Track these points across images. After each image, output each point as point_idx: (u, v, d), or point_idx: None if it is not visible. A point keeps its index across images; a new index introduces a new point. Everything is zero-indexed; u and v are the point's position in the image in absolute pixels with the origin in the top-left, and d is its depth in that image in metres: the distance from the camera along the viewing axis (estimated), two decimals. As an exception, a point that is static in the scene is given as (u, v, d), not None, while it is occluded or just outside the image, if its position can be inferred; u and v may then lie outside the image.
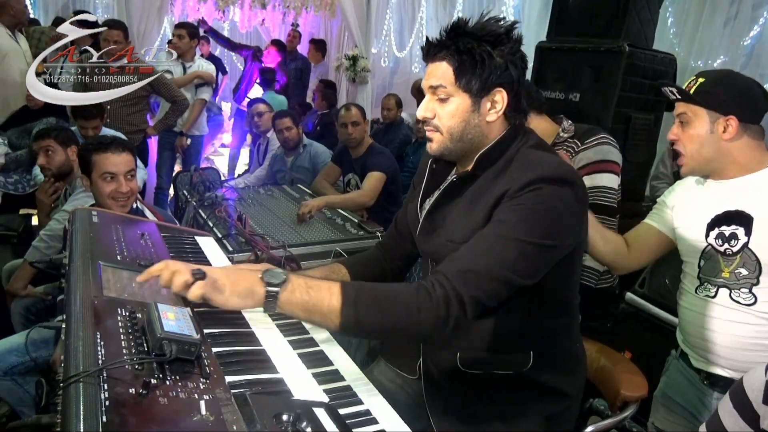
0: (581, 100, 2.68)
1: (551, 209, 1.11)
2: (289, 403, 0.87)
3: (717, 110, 1.43)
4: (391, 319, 1.05)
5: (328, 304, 1.02)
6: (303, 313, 1.03)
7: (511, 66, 1.18)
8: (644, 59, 2.70)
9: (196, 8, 6.61)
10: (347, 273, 1.47)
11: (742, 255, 1.43)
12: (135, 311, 0.98)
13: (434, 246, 1.28)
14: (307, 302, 1.01)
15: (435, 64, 1.20)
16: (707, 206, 1.51)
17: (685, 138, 1.49)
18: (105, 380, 0.76)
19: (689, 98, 1.46)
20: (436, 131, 1.23)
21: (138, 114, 4.06)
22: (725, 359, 1.47)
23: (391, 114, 4.98)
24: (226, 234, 2.48)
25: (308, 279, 1.05)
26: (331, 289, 1.03)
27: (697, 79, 1.47)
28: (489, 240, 1.10)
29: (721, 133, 1.44)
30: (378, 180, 3.22)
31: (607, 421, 1.53)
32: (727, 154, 1.45)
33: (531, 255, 1.10)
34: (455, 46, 1.16)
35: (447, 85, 1.18)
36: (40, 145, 2.69)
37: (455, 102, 1.19)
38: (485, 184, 1.21)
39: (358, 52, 6.10)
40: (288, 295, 1.00)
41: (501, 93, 1.19)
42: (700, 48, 4.05)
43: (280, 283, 1.01)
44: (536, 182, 1.11)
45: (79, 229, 1.37)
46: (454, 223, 1.23)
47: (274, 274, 1.02)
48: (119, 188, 2.03)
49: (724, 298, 1.47)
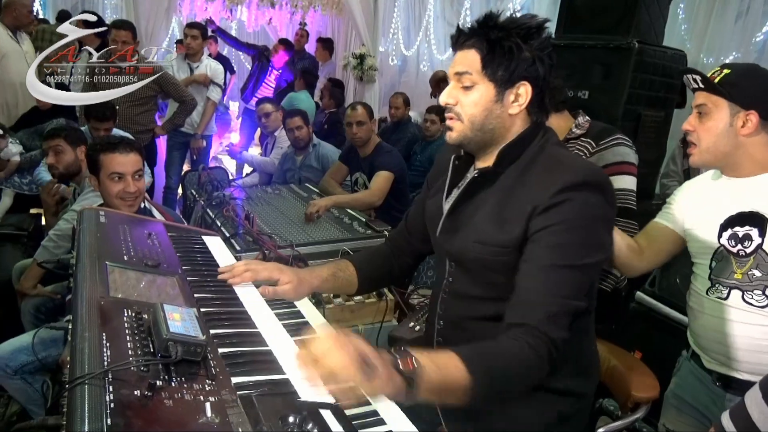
0: (590, 97, 2.66)
1: (589, 224, 1.13)
2: (296, 404, 0.86)
3: (739, 103, 1.39)
4: (510, 388, 1.09)
5: (458, 384, 0.98)
6: (435, 395, 0.96)
7: (539, 62, 1.17)
8: (654, 56, 2.68)
9: (204, 7, 6.64)
10: (354, 271, 1.46)
11: (756, 256, 1.40)
12: (141, 312, 0.98)
13: (459, 247, 1.26)
14: (441, 385, 0.96)
15: (463, 51, 1.20)
16: (720, 206, 1.48)
17: (702, 130, 1.45)
18: (110, 382, 0.76)
19: (713, 88, 1.41)
20: (457, 119, 1.22)
21: (146, 114, 4.08)
22: (739, 362, 1.45)
23: (398, 113, 4.97)
24: (234, 233, 2.48)
25: (435, 358, 0.98)
26: (457, 366, 0.98)
27: (723, 70, 1.43)
28: (551, 274, 1.11)
29: (739, 127, 1.40)
30: (386, 179, 3.20)
31: (618, 423, 1.51)
32: (743, 149, 1.42)
33: (587, 275, 1.14)
34: (485, 35, 1.16)
35: (473, 72, 1.18)
36: (50, 144, 2.71)
37: (479, 90, 1.18)
38: (510, 183, 1.21)
39: (365, 51, 6.09)
40: (426, 383, 0.93)
41: (525, 86, 1.18)
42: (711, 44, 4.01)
43: (418, 374, 0.92)
44: (567, 190, 1.11)
45: (86, 229, 1.38)
46: (482, 224, 1.22)
47: (406, 363, 0.93)
48: (127, 188, 2.04)
49: (736, 299, 1.44)
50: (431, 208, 1.39)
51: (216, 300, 1.24)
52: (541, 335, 1.06)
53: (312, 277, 1.38)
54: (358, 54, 6.05)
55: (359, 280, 1.47)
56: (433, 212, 1.37)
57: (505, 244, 1.17)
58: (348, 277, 1.46)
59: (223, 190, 3.13)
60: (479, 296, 1.27)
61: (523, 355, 1.05)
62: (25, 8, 3.98)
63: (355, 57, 6.08)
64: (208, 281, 1.33)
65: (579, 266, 1.11)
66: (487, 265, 1.22)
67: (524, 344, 1.06)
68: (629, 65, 2.58)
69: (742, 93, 1.39)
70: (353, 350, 0.85)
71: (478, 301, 1.27)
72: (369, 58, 6.07)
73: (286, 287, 1.30)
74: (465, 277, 1.29)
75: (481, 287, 1.26)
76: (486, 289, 1.26)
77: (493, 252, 1.19)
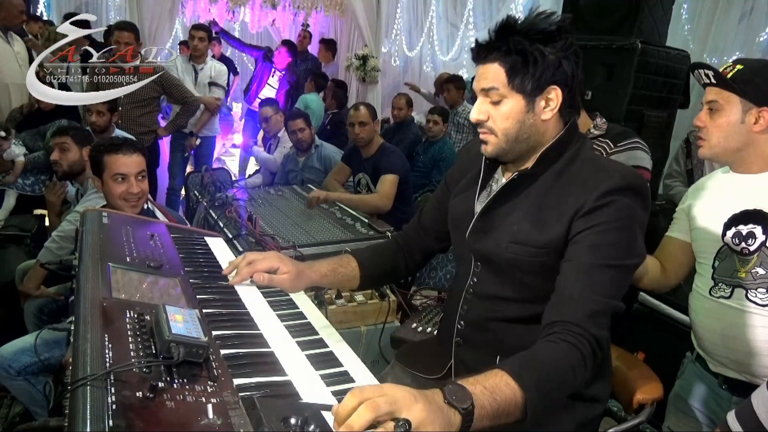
0: (594, 98, 2.66)
1: (629, 225, 1.12)
2: (298, 406, 0.86)
3: (752, 100, 1.38)
4: (561, 393, 1.04)
5: (514, 402, 0.92)
6: (491, 421, 0.90)
7: (565, 62, 1.16)
8: (657, 56, 2.68)
9: (207, 9, 6.64)
10: (357, 267, 1.44)
11: (760, 254, 1.39)
12: (143, 313, 0.98)
13: (492, 247, 1.24)
14: (497, 409, 0.90)
15: (486, 66, 1.18)
16: (725, 205, 1.47)
17: (713, 126, 1.44)
18: (112, 383, 0.76)
19: (725, 84, 1.40)
20: (491, 134, 1.21)
21: (149, 115, 4.08)
22: (744, 365, 1.44)
23: (401, 113, 4.97)
24: (237, 234, 2.49)
25: (482, 381, 0.91)
26: (508, 384, 0.92)
27: (735, 65, 1.41)
28: (593, 272, 1.10)
29: (752, 124, 1.39)
30: (392, 183, 3.20)
31: (623, 426, 1.50)
32: (755, 146, 1.41)
33: (626, 277, 1.14)
34: (506, 47, 1.15)
35: (500, 87, 1.16)
36: (56, 141, 2.72)
37: (509, 103, 1.17)
38: (548, 186, 1.20)
39: (368, 52, 6.09)
40: (480, 411, 0.87)
41: (555, 90, 1.17)
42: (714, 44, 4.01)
43: (471, 401, 0.86)
44: (612, 193, 1.11)
45: (89, 230, 1.38)
46: (519, 224, 1.20)
47: (457, 394, 0.86)
48: (130, 189, 2.05)
49: (739, 298, 1.43)
50: (459, 208, 1.36)
51: (218, 301, 1.24)
52: (583, 332, 1.04)
53: (311, 271, 1.35)
54: (361, 55, 6.05)
55: (361, 276, 1.44)
56: (461, 212, 1.34)
57: (543, 245, 1.17)
58: (349, 273, 1.43)
59: (225, 192, 3.13)
60: (507, 297, 1.26)
61: (569, 356, 1.02)
62: (15, 8, 3.96)
63: (357, 58, 6.09)
64: (211, 283, 1.33)
65: (620, 266, 1.11)
66: (522, 266, 1.21)
67: (566, 345, 1.03)
68: (632, 66, 2.58)
69: (755, 89, 1.37)
70: (384, 403, 0.75)
71: (506, 302, 1.26)
72: (372, 59, 6.07)
73: (283, 276, 1.26)
74: (492, 278, 1.28)
75: (511, 288, 1.25)
76: (516, 290, 1.25)
77: (530, 253, 1.18)
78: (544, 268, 1.18)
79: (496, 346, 1.27)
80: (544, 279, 1.17)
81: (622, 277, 1.13)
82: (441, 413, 0.81)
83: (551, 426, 1.23)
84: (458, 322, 1.34)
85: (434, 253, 1.54)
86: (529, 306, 1.22)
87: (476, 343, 1.32)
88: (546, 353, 1.03)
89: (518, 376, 0.93)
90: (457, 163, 1.46)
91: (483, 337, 1.31)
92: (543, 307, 1.13)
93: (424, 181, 4.43)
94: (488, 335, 1.30)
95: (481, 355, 1.29)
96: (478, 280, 1.31)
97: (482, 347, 1.30)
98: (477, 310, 1.31)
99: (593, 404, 1.28)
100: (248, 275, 1.27)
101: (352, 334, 2.23)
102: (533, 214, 1.19)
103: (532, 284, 1.21)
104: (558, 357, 1.02)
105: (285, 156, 4.04)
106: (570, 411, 1.25)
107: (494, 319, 1.28)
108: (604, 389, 1.32)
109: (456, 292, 1.38)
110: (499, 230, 1.23)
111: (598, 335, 1.06)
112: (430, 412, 0.78)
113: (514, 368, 0.95)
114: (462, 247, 1.35)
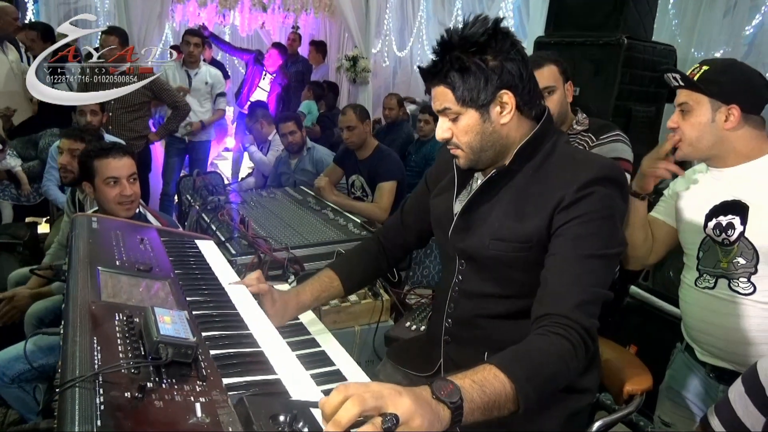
0: (581, 93, 2.68)
1: (610, 215, 1.14)
2: (286, 403, 0.86)
3: (720, 99, 1.42)
4: (554, 383, 1.04)
5: (504, 394, 0.92)
6: (483, 415, 0.90)
7: (509, 64, 1.17)
8: (644, 51, 2.70)
9: (197, 13, 6.64)
10: (339, 282, 1.46)
11: (740, 244, 1.42)
12: (132, 315, 0.98)
13: (474, 245, 1.26)
14: (487, 402, 0.90)
15: (435, 88, 1.22)
16: (706, 197, 1.50)
17: (686, 126, 1.47)
18: (101, 384, 0.76)
19: (692, 85, 1.44)
20: (457, 148, 1.24)
21: (140, 120, 4.08)
22: (729, 353, 1.46)
23: (392, 114, 4.99)
24: (229, 237, 2.49)
25: (471, 375, 0.92)
26: (497, 376, 0.93)
27: (701, 66, 1.45)
28: (578, 264, 1.11)
29: (722, 122, 1.42)
30: (391, 191, 3.21)
31: (614, 416, 1.52)
32: (728, 143, 1.44)
33: (611, 265, 1.15)
34: (445, 68, 1.17)
35: (451, 106, 1.19)
36: (70, 146, 2.68)
37: (465, 119, 1.20)
38: (527, 181, 1.22)
39: (358, 53, 6.10)
40: (469, 404, 0.87)
41: (507, 94, 1.18)
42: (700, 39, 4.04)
43: (459, 395, 0.86)
44: (591, 184, 1.13)
45: (78, 235, 1.38)
46: (500, 221, 1.22)
47: (445, 389, 0.86)
48: (123, 191, 2.07)
49: (723, 288, 1.46)
50: (439, 208, 1.38)
51: (208, 303, 1.24)
52: (572, 323, 1.05)
53: (297, 304, 1.38)
54: (351, 56, 6.06)
55: (345, 287, 1.48)
56: (442, 212, 1.36)
57: (525, 240, 1.18)
58: (333, 292, 1.47)
59: (218, 195, 3.13)
60: (493, 294, 1.27)
61: (558, 348, 1.02)
62: (8, 16, 3.97)
63: (348, 59, 6.09)
64: (201, 285, 1.33)
65: (604, 256, 1.12)
66: (505, 261, 1.22)
67: (555, 336, 1.04)
68: (619, 61, 2.61)
69: (721, 88, 1.41)
70: (370, 398, 0.76)
71: (492, 298, 1.28)
72: (362, 59, 6.08)
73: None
74: (477, 275, 1.29)
75: (496, 285, 1.26)
76: (501, 286, 1.26)
77: (512, 248, 1.20)
78: (527, 263, 1.19)
79: (485, 343, 1.28)
80: (529, 274, 1.18)
81: (607, 265, 1.14)
82: (429, 408, 0.81)
83: (543, 417, 1.24)
84: (446, 320, 1.36)
85: (412, 249, 1.60)
86: (516, 301, 1.24)
87: (464, 340, 1.34)
88: (535, 345, 1.04)
89: (507, 368, 0.94)
90: (437, 162, 1.48)
91: (471, 334, 1.32)
92: (529, 301, 1.14)
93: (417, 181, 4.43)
94: (476, 332, 1.31)
95: (470, 352, 1.30)
96: (464, 278, 1.32)
97: (471, 344, 1.32)
98: (464, 307, 1.33)
99: (583, 395, 1.30)
100: None
101: (346, 333, 2.24)
102: (514, 209, 1.21)
103: (517, 280, 1.23)
104: (547, 348, 1.02)
105: (277, 158, 4.04)
106: (561, 402, 1.26)
107: (481, 316, 1.30)
108: (594, 380, 1.33)
109: (443, 290, 1.39)
110: (481, 228, 1.25)
111: (588, 325, 1.06)
112: (418, 407, 0.78)
113: (503, 361, 0.96)
114: (446, 246, 1.37)
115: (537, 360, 0.99)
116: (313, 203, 3.14)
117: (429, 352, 1.42)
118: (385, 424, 0.75)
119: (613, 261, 1.16)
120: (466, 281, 1.31)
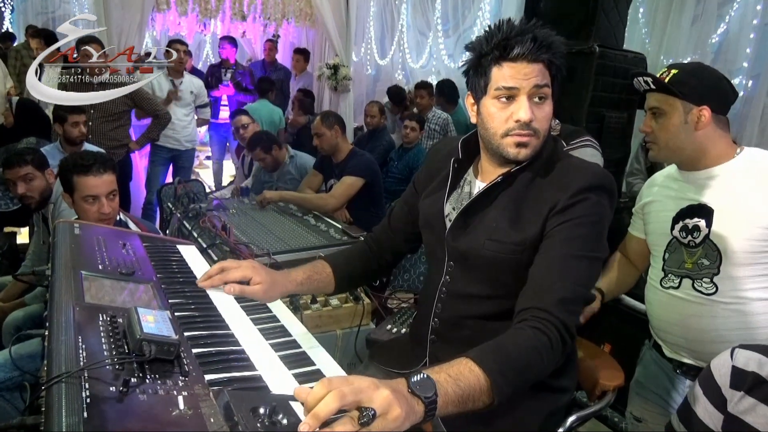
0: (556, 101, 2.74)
1: (599, 221, 1.20)
2: (266, 397, 0.90)
3: (691, 100, 1.45)
4: (528, 376, 1.06)
5: (479, 387, 0.95)
6: (457, 407, 0.92)
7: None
8: (615, 59, 2.78)
9: (177, 22, 6.63)
10: (331, 272, 1.46)
11: (704, 246, 1.47)
12: (116, 316, 1.01)
13: (469, 245, 1.29)
14: (461, 396, 0.92)
15: (535, 65, 1.27)
16: (674, 201, 1.55)
17: (659, 129, 1.51)
18: (86, 380, 0.79)
19: (664, 88, 1.47)
20: (535, 136, 1.25)
21: (120, 129, 4.08)
22: (695, 352, 1.52)
23: (374, 121, 5.03)
24: (211, 244, 2.51)
25: (446, 369, 0.95)
26: (472, 370, 0.96)
27: (670, 70, 1.49)
28: (565, 262, 1.15)
29: (694, 123, 1.46)
30: (350, 185, 3.25)
31: (586, 411, 1.57)
32: (699, 144, 1.48)
33: (596, 268, 1.20)
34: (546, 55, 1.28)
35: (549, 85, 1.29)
36: (19, 174, 2.54)
37: (550, 104, 1.29)
38: (526, 185, 1.26)
39: (338, 61, 6.14)
40: (443, 398, 0.89)
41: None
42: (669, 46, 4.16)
43: (434, 390, 0.88)
44: (584, 191, 1.19)
45: (61, 241, 1.40)
46: (496, 222, 1.26)
47: (421, 383, 0.88)
48: (102, 209, 2.07)
49: (687, 288, 1.51)
50: (429, 210, 1.40)
51: (190, 304, 1.26)
52: (552, 318, 1.08)
53: (286, 280, 1.36)
54: (332, 64, 6.10)
55: (336, 281, 1.47)
56: (432, 213, 1.38)
57: (520, 242, 1.22)
58: (324, 279, 1.46)
59: (199, 203, 3.15)
60: (481, 295, 1.30)
61: (535, 342, 1.05)
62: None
63: (329, 67, 6.13)
64: (183, 287, 1.35)
65: (590, 258, 1.17)
66: (497, 262, 1.25)
67: (532, 330, 1.06)
68: (591, 69, 2.68)
69: (692, 90, 1.45)
70: (350, 393, 0.78)
71: (480, 299, 1.30)
72: (342, 68, 6.12)
73: (255, 288, 1.28)
74: (466, 276, 1.32)
75: (486, 286, 1.29)
76: (490, 287, 1.29)
77: (507, 250, 1.23)
78: (519, 265, 1.23)
79: (471, 342, 1.29)
80: (518, 276, 1.21)
81: (592, 267, 1.19)
82: (405, 401, 0.84)
83: (522, 416, 1.27)
84: (433, 320, 1.38)
85: (404, 254, 1.59)
86: (504, 302, 1.26)
87: (451, 339, 1.36)
88: (511, 339, 1.06)
89: (482, 361, 0.97)
90: (426, 165, 1.51)
91: (458, 334, 1.34)
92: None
93: (400, 188, 4.47)
94: (463, 332, 1.33)
95: (456, 351, 1.32)
96: (452, 278, 1.35)
97: (457, 343, 1.33)
98: (452, 308, 1.35)
99: (561, 394, 1.33)
100: (219, 283, 1.29)
101: (328, 337, 2.26)
102: (511, 212, 1.25)
103: (506, 281, 1.26)
104: (523, 341, 1.05)
105: (258, 168, 4.06)
106: (539, 401, 1.29)
107: (469, 317, 1.32)
108: (572, 380, 1.37)
109: (429, 291, 1.41)
110: (478, 228, 1.28)
111: (567, 321, 1.09)
112: (394, 400, 0.81)
113: (478, 354, 0.99)
114: (435, 247, 1.39)
115: (512, 354, 1.02)
116: (294, 209, 3.17)
117: (413, 351, 1.45)
118: (362, 418, 0.78)
119: (597, 264, 1.20)
120: (455, 282, 1.34)
